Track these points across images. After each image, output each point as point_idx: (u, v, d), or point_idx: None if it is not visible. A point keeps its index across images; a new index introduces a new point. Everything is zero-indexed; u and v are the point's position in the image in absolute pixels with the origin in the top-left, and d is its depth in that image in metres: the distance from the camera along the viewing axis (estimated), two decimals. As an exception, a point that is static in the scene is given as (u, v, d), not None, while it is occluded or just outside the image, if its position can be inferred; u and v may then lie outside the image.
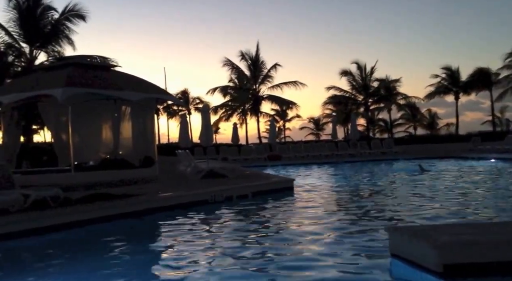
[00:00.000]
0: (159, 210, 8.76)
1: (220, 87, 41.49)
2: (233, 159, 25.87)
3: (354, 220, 7.85)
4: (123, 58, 67.46)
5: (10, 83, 16.46)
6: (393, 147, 28.49)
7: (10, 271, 5.43)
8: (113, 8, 58.79)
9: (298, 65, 67.00)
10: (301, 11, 64.57)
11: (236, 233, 7.25)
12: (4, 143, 10.31)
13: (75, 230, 7.32)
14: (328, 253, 5.56)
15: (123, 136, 10.68)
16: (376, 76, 42.76)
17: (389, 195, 11.25)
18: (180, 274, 5.06)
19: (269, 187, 11.75)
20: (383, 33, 63.61)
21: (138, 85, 10.03)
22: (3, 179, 8.00)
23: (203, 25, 65.91)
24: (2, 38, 23.76)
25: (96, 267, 5.43)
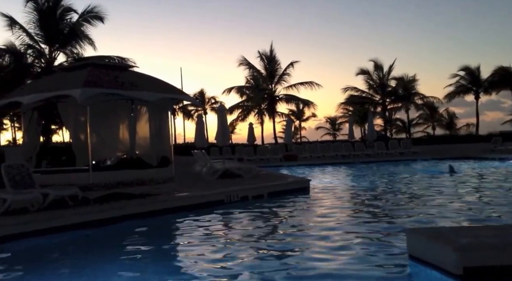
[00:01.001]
0: (175, 210, 8.79)
1: (236, 87, 41.61)
2: (249, 159, 25.88)
3: (372, 221, 7.76)
4: (140, 58, 68.17)
5: (30, 84, 16.78)
6: (411, 147, 28.08)
7: (30, 270, 5.51)
8: (130, 9, 59.48)
9: (314, 64, 66.76)
10: (317, 10, 64.23)
11: (251, 233, 7.24)
12: (24, 142, 10.51)
13: (93, 229, 7.39)
14: (344, 254, 5.50)
15: (139, 136, 10.76)
16: (394, 75, 42.29)
17: (409, 196, 11.08)
18: (196, 273, 5.06)
19: (285, 188, 11.70)
20: (401, 31, 62.86)
21: (155, 85, 10.09)
22: (24, 178, 8.15)
23: (220, 25, 66.15)
24: (22, 39, 24.28)
25: (112, 266, 5.48)
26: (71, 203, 8.14)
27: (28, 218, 7.13)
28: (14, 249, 6.25)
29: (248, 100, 42.15)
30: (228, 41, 67.01)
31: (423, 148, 28.17)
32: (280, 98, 41.00)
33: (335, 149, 28.04)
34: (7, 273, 5.33)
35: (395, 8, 61.37)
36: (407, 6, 60.06)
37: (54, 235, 6.92)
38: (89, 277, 5.02)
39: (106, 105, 10.40)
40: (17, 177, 8.03)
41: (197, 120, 24.21)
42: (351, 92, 42.88)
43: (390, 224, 7.47)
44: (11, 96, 9.90)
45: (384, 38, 64.70)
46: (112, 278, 5.02)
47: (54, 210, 7.64)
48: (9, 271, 5.42)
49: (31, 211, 7.63)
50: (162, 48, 69.41)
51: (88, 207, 8.10)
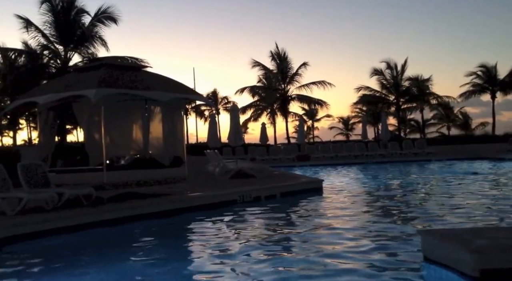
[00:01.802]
0: (188, 210, 8.81)
1: (249, 87, 41.65)
2: (262, 159, 25.87)
3: (386, 222, 7.68)
4: (154, 59, 68.68)
5: (46, 84, 17.00)
6: (426, 147, 27.75)
7: (45, 268, 5.58)
8: (143, 10, 59.94)
9: (327, 64, 66.45)
10: (329, 10, 63.91)
11: (264, 233, 7.22)
12: (40, 142, 10.64)
13: (106, 228, 7.45)
14: (358, 254, 5.45)
15: (153, 135, 10.82)
16: (408, 75, 41.84)
17: (423, 197, 10.95)
18: (209, 274, 5.06)
19: (297, 188, 11.65)
20: (415, 30, 62.19)
21: (168, 85, 10.14)
22: (40, 178, 8.25)
23: (233, 26, 66.27)
24: (38, 40, 24.65)
25: (126, 266, 5.51)
26: (85, 202, 8.22)
27: (44, 217, 7.22)
28: (29, 248, 6.33)
29: (260, 100, 42.16)
30: (241, 41, 67.14)
31: (438, 149, 27.81)
32: (293, 98, 40.93)
33: (348, 149, 27.86)
34: (23, 271, 5.39)
35: (409, 6, 60.79)
36: (421, 4, 59.43)
37: (69, 234, 6.99)
38: (103, 276, 5.06)
39: (120, 105, 10.49)
40: (33, 177, 8.14)
41: (210, 120, 24.29)
42: (364, 91, 42.57)
43: (405, 225, 7.37)
44: (27, 96, 10.05)
45: (398, 37, 64.13)
46: (126, 277, 5.04)
47: (68, 209, 7.73)
48: (24, 270, 5.49)
49: (47, 210, 7.72)
50: (176, 49, 69.84)
51: (102, 206, 8.16)
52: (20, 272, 5.33)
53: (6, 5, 53.62)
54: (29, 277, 5.16)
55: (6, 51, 25.46)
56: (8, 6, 54.50)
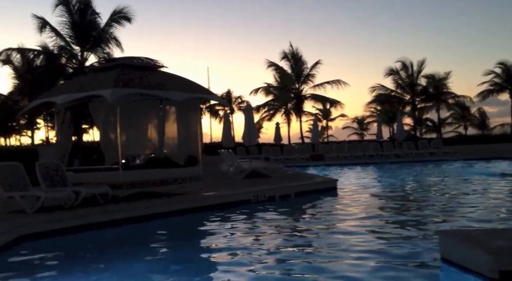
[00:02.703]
0: (202, 209, 8.85)
1: (263, 87, 41.69)
2: (276, 158, 25.85)
3: (402, 222, 7.59)
4: (168, 59, 69.17)
5: (63, 84, 17.26)
6: (442, 147, 27.37)
7: (62, 266, 5.66)
8: (157, 10, 60.40)
9: (341, 63, 66.03)
10: (343, 9, 63.50)
11: (279, 233, 7.21)
12: (57, 142, 10.81)
13: (122, 227, 7.52)
14: (374, 255, 5.39)
15: (168, 135, 10.90)
16: (424, 74, 41.32)
17: (442, 197, 10.79)
18: (222, 273, 5.07)
19: (311, 188, 11.61)
20: (430, 28, 61.37)
21: (183, 85, 10.20)
22: (57, 177, 8.38)
23: (246, 25, 66.33)
24: (55, 40, 25.04)
25: (141, 264, 5.55)
26: (101, 201, 8.32)
27: (61, 215, 7.33)
28: (47, 245, 6.43)
29: (275, 100, 42.14)
30: (255, 40, 67.15)
31: (455, 148, 27.43)
32: (307, 97, 40.80)
33: (362, 149, 27.65)
34: (40, 268, 5.48)
35: (424, 4, 60.01)
36: (436, 2, 58.61)
37: (85, 232, 7.08)
38: (118, 274, 5.11)
39: (135, 105, 10.59)
40: (51, 175, 8.27)
41: (224, 119, 24.35)
42: (379, 91, 42.20)
43: (421, 226, 7.28)
44: (45, 96, 10.21)
45: (413, 36, 63.39)
46: (141, 275, 5.08)
47: (85, 208, 7.83)
48: (41, 267, 5.57)
49: (64, 208, 7.84)
50: (190, 49, 70.24)
51: (118, 205, 8.25)
52: (37, 269, 5.42)
53: (25, 6, 54.66)
54: (45, 274, 5.24)
55: (24, 51, 25.92)
56: (27, 8, 55.56)
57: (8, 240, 6.09)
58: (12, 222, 6.71)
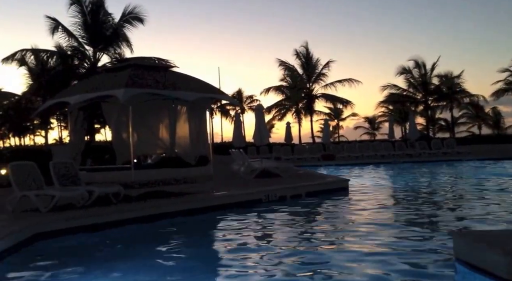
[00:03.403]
0: (213, 209, 8.88)
1: (274, 87, 41.63)
2: (286, 158, 25.80)
3: (415, 222, 7.52)
4: (179, 59, 69.45)
5: (76, 85, 17.45)
6: (456, 147, 27.04)
7: (75, 265, 5.72)
8: (168, 10, 60.69)
9: (352, 62, 65.63)
10: (354, 7, 63.09)
11: (290, 232, 7.20)
12: (70, 141, 10.93)
13: (134, 226, 7.57)
14: (386, 257, 5.35)
15: (179, 135, 10.95)
16: (437, 73, 40.84)
17: (456, 197, 10.67)
18: (234, 272, 5.07)
19: (323, 187, 11.56)
20: (444, 27, 60.66)
21: (194, 84, 10.24)
22: (71, 176, 8.48)
23: (257, 25, 66.31)
24: (69, 41, 25.31)
25: (151, 263, 5.59)
26: (114, 200, 8.39)
27: (74, 214, 7.41)
28: (60, 244, 6.51)
29: (286, 99, 42.06)
30: (266, 40, 67.00)
31: (468, 148, 27.08)
32: (318, 97, 40.65)
33: (374, 148, 27.46)
34: (55, 266, 5.54)
35: (436, 2, 59.33)
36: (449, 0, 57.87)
37: (98, 231, 7.14)
38: (131, 273, 5.15)
39: (147, 105, 10.66)
40: (64, 175, 8.37)
41: (235, 119, 24.40)
42: (390, 90, 41.84)
43: (435, 226, 7.21)
44: (58, 97, 10.34)
45: (426, 34, 62.73)
46: (153, 274, 5.11)
47: (98, 207, 7.90)
48: (55, 265, 5.64)
49: (77, 208, 7.93)
50: (200, 48, 70.43)
51: (130, 204, 8.31)
52: (52, 267, 5.48)
53: (38, 7, 55.36)
54: (61, 272, 5.30)
55: (38, 52, 26.25)
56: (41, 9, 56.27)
57: (24, 238, 6.18)
58: (27, 221, 6.81)
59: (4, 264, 5.41)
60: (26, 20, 61.41)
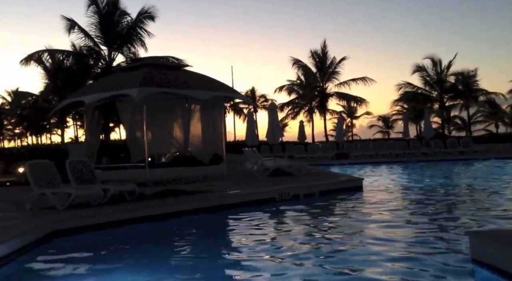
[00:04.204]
0: (227, 207, 8.90)
1: (287, 85, 41.56)
2: (300, 157, 25.74)
3: (430, 222, 7.43)
4: (192, 58, 69.75)
5: (92, 84, 17.67)
6: (472, 145, 26.63)
7: (91, 262, 5.80)
8: (181, 9, 60.99)
9: (366, 61, 65.06)
10: (368, 5, 62.53)
11: (303, 231, 7.18)
12: (86, 140, 11.08)
13: (149, 224, 7.64)
14: (400, 257, 5.30)
15: (192, 134, 11.00)
16: (453, 71, 40.22)
17: (472, 197, 10.50)
18: (248, 271, 5.09)
19: (336, 186, 11.50)
20: (460, 23, 59.69)
21: (208, 83, 10.28)
22: (87, 174, 8.60)
23: (270, 23, 66.20)
24: (85, 41, 25.63)
25: (165, 261, 5.64)
26: (129, 198, 8.47)
27: (93, 212, 7.52)
28: (77, 242, 6.60)
29: (299, 98, 41.95)
30: (279, 38, 66.91)
31: (485, 147, 26.63)
32: (332, 95, 40.44)
33: (389, 147, 27.21)
34: (71, 264, 5.63)
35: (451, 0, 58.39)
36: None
37: (113, 229, 7.22)
38: (146, 270, 5.20)
39: (161, 104, 10.74)
40: (80, 173, 8.49)
41: (248, 118, 24.41)
42: (405, 88, 41.38)
43: (451, 225, 7.11)
44: (74, 96, 10.48)
45: (441, 32, 61.83)
46: (167, 272, 5.16)
47: (113, 205, 7.99)
48: (72, 262, 5.73)
49: (92, 206, 8.03)
50: (213, 47, 70.62)
51: (144, 202, 8.39)
52: (69, 264, 5.56)
53: (55, 7, 56.15)
54: (78, 268, 5.38)
55: (54, 52, 26.64)
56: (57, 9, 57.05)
57: (41, 236, 6.29)
58: (45, 218, 6.92)
59: (23, 260, 5.51)
60: (41, 21, 62.40)
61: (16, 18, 66.25)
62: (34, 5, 62.03)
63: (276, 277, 4.82)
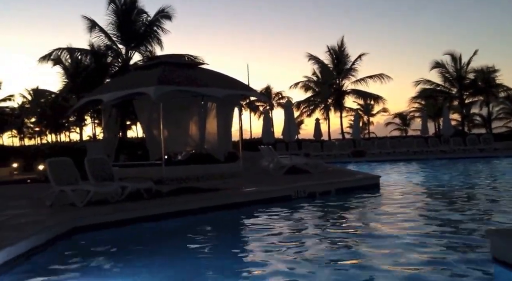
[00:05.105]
0: (243, 205, 8.92)
1: (303, 82, 41.37)
2: (316, 154, 25.63)
3: (449, 221, 7.31)
4: (208, 56, 70.01)
5: (109, 83, 17.89)
6: (493, 143, 26.08)
7: (108, 259, 5.88)
8: (197, 7, 61.20)
9: (383, 58, 64.26)
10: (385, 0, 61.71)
11: (319, 229, 7.15)
12: (104, 138, 11.22)
13: (165, 221, 7.70)
14: (418, 256, 5.23)
15: (208, 131, 11.05)
16: (473, 67, 39.42)
17: (493, 195, 10.28)
18: (263, 269, 5.08)
19: (353, 184, 11.41)
20: (480, 19, 58.45)
21: (224, 81, 10.29)
22: (105, 172, 8.71)
23: (286, 20, 65.93)
24: (102, 40, 25.96)
25: (180, 258, 5.67)
26: (146, 196, 8.56)
27: (111, 208, 7.62)
28: (98, 238, 6.70)
29: (315, 95, 41.71)
30: (295, 35, 66.60)
31: (506, 144, 26.06)
32: (348, 93, 40.10)
33: (406, 145, 26.85)
34: (87, 261, 5.71)
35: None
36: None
37: (130, 226, 7.31)
38: (165, 267, 5.24)
39: (177, 102, 10.81)
40: (99, 171, 8.60)
41: (264, 115, 24.38)
42: (423, 85, 40.74)
43: (471, 224, 6.98)
44: (93, 94, 10.62)
45: (461, 27, 60.64)
46: (182, 268, 5.19)
47: (130, 202, 8.08)
48: (92, 258, 5.81)
49: (110, 203, 8.13)
50: (229, 45, 70.74)
51: (161, 200, 8.46)
52: (89, 260, 5.65)
53: (73, 7, 56.99)
54: (94, 265, 5.46)
55: (73, 51, 27.05)
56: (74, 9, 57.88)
57: (62, 232, 6.40)
58: (64, 215, 7.04)
59: (43, 256, 5.62)
60: (59, 20, 63.39)
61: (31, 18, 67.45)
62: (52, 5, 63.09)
63: (292, 274, 4.81)
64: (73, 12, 60.82)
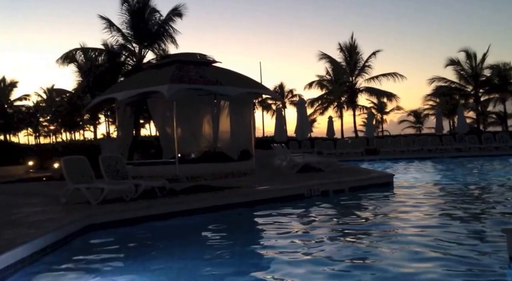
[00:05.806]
0: (256, 203, 8.90)
1: (316, 81, 41.19)
2: (329, 153, 25.51)
3: (464, 219, 7.20)
4: (221, 54, 70.10)
5: (123, 81, 18.04)
6: (509, 141, 25.64)
7: (123, 257, 5.92)
8: (209, 5, 61.32)
9: (397, 55, 63.62)
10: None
11: (333, 227, 7.11)
12: (118, 136, 11.32)
13: (179, 219, 7.74)
14: (434, 255, 5.16)
15: (221, 129, 11.07)
16: (488, 64, 38.76)
17: (509, 194, 10.11)
18: (278, 266, 5.07)
19: (366, 183, 11.32)
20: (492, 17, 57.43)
21: (237, 80, 10.29)
22: (119, 170, 8.78)
23: (299, 17, 65.69)
24: (116, 39, 26.20)
25: (193, 256, 5.69)
26: (159, 194, 8.61)
27: (123, 207, 7.68)
28: (112, 235, 6.76)
29: (328, 93, 41.50)
30: (308, 33, 66.32)
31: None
32: (361, 91, 39.80)
33: (420, 143, 26.55)
34: (101, 258, 5.77)
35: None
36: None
37: (144, 224, 7.36)
38: (174, 266, 5.27)
39: (190, 100, 10.84)
40: (113, 169, 8.68)
41: (277, 114, 24.35)
42: (438, 83, 40.21)
43: (486, 223, 6.87)
44: (107, 93, 10.72)
45: (475, 24, 59.68)
46: (196, 267, 5.20)
47: (145, 200, 8.14)
48: (106, 255, 5.87)
49: (125, 201, 8.19)
50: (241, 43, 70.76)
51: (176, 198, 8.50)
52: (104, 257, 5.71)
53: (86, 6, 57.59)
54: (108, 263, 5.51)
55: (87, 50, 27.34)
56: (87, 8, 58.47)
57: (77, 229, 6.47)
58: (79, 213, 7.12)
59: (58, 253, 5.69)
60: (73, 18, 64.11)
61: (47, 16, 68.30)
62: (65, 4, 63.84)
63: (306, 272, 4.79)
64: (87, 11, 61.49)
